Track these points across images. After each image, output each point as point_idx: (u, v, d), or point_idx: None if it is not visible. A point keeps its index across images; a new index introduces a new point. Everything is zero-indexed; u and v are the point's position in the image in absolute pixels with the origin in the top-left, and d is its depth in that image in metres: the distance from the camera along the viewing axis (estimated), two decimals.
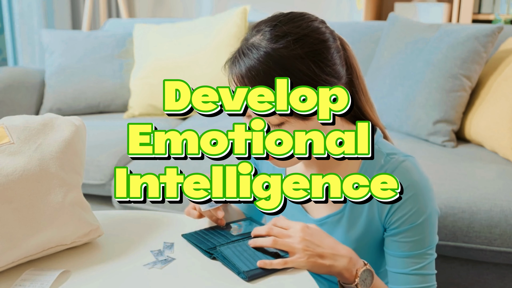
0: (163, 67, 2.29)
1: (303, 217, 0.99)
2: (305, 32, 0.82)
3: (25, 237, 0.80)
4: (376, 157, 0.91)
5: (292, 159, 0.87)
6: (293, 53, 0.80)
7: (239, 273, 0.81)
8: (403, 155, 0.90)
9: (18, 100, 2.30)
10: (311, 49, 0.81)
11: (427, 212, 0.88)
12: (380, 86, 1.93)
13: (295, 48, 0.80)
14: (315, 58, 0.81)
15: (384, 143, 0.94)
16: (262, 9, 3.24)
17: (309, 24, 0.83)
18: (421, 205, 0.87)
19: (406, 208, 0.87)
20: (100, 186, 1.77)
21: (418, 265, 0.89)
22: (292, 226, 0.85)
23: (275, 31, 0.82)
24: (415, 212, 0.87)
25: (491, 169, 1.52)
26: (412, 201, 0.87)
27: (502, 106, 1.60)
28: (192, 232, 0.94)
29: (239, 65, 0.81)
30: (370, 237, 0.93)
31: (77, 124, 0.92)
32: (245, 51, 0.82)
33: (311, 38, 0.82)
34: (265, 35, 0.82)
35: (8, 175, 0.80)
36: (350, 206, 0.93)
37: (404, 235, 0.88)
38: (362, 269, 0.85)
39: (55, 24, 3.34)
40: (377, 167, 0.90)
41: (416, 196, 0.87)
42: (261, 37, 0.82)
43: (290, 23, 0.82)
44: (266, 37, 0.81)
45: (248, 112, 0.84)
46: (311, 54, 0.81)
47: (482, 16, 2.81)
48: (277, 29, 0.82)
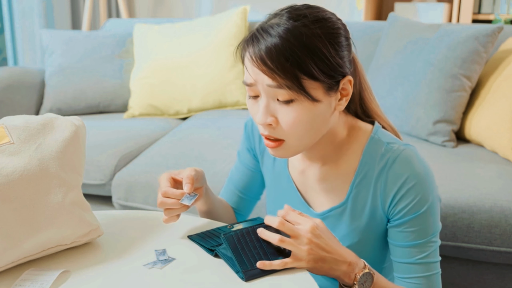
0: (163, 67, 2.29)
1: (306, 211, 0.99)
2: (323, 16, 0.84)
3: (25, 237, 0.80)
4: (376, 146, 0.91)
5: (285, 148, 0.87)
6: (313, 31, 0.81)
7: (238, 272, 0.81)
8: (403, 144, 0.91)
9: (18, 100, 2.30)
10: (329, 31, 0.83)
11: (430, 200, 0.88)
12: (380, 86, 1.93)
13: (314, 27, 0.81)
14: (332, 40, 0.82)
15: (383, 133, 0.94)
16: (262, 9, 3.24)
17: (325, 12, 0.86)
18: (424, 194, 0.88)
19: (409, 198, 0.88)
20: (100, 186, 1.77)
21: (422, 253, 0.89)
22: (302, 222, 0.83)
23: (294, 12, 0.83)
24: (418, 201, 0.87)
25: (491, 169, 1.52)
26: (415, 191, 0.87)
27: (502, 106, 1.60)
28: (198, 233, 0.95)
29: (258, 41, 0.81)
30: (374, 229, 0.94)
31: (77, 124, 0.92)
32: (265, 29, 0.82)
33: (328, 22, 0.84)
34: (284, 15, 0.83)
35: (8, 175, 0.80)
36: (353, 198, 0.93)
37: (408, 225, 0.89)
38: (361, 273, 0.85)
39: (55, 24, 3.34)
40: (378, 156, 0.91)
41: (419, 185, 0.87)
42: (280, 18, 0.83)
43: (308, 8, 0.84)
44: (285, 16, 0.82)
45: (254, 89, 0.84)
46: (328, 35, 0.82)
47: (482, 16, 2.81)
48: (296, 10, 0.83)
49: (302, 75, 0.80)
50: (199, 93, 2.28)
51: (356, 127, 0.95)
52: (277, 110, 0.84)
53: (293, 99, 0.82)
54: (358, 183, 0.93)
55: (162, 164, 1.70)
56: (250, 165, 1.12)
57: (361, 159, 0.92)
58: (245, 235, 0.85)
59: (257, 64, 0.81)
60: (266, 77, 0.81)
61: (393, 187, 0.89)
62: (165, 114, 2.32)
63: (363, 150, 0.92)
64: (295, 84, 0.80)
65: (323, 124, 0.87)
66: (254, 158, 1.11)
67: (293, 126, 0.84)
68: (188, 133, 1.95)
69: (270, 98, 0.84)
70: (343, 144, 0.94)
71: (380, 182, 0.90)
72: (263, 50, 0.80)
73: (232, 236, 0.85)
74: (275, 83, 0.80)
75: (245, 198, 1.14)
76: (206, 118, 2.16)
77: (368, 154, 0.92)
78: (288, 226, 0.83)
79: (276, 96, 0.83)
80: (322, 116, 0.85)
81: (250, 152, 1.11)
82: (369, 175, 0.91)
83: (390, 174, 0.89)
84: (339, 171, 0.95)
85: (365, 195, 0.92)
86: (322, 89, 0.83)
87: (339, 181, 0.95)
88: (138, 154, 1.87)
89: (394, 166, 0.88)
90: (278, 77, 0.80)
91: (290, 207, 0.87)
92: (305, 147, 0.89)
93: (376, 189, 0.91)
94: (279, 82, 0.80)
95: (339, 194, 0.95)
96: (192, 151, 1.75)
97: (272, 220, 0.84)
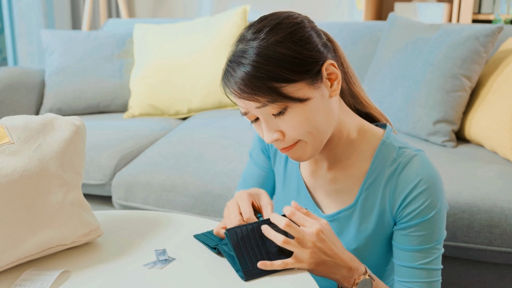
0: (163, 67, 2.29)
1: (315, 213, 0.99)
2: (278, 21, 0.85)
3: (25, 237, 0.80)
4: (388, 150, 0.91)
5: (301, 150, 0.88)
6: (271, 41, 0.82)
7: (238, 271, 0.81)
8: (415, 150, 0.91)
9: (18, 100, 2.30)
10: (286, 32, 0.83)
11: (438, 206, 0.88)
12: (380, 86, 1.93)
13: (271, 36, 0.82)
14: (293, 38, 0.83)
15: (395, 137, 0.94)
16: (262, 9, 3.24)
17: (280, 14, 0.87)
18: (433, 199, 0.88)
19: (418, 202, 0.88)
20: (100, 186, 1.77)
21: (425, 259, 0.89)
22: (308, 225, 0.83)
23: (252, 30, 0.85)
24: (427, 206, 0.88)
25: (491, 169, 1.52)
26: (424, 195, 0.87)
27: (502, 106, 1.60)
28: (203, 232, 0.95)
29: (232, 76, 0.84)
30: (380, 233, 0.94)
31: (77, 124, 0.92)
32: (233, 61, 0.84)
33: (283, 24, 0.84)
34: (245, 37, 0.85)
35: (8, 175, 0.80)
36: (362, 201, 0.93)
37: (414, 229, 0.89)
38: (360, 279, 0.85)
39: (55, 24, 3.35)
40: (389, 160, 0.91)
41: (429, 190, 0.88)
42: (244, 43, 0.85)
43: (264, 20, 0.86)
44: (247, 38, 0.85)
45: (250, 114, 0.87)
46: (287, 36, 0.83)
47: (482, 16, 2.82)
48: (253, 28, 0.85)
49: (279, 84, 0.81)
50: (199, 93, 2.28)
51: (366, 129, 0.95)
52: (278, 123, 0.85)
53: (284, 108, 0.83)
54: (368, 186, 0.93)
55: (162, 164, 1.70)
56: (264, 165, 1.12)
57: (372, 162, 0.92)
58: (249, 231, 0.85)
59: (238, 94, 0.84)
60: (251, 102, 0.83)
61: (403, 190, 0.89)
62: (165, 114, 2.32)
63: (375, 153, 0.92)
64: (277, 96, 0.81)
65: (327, 115, 0.87)
66: (268, 158, 1.11)
67: (299, 130, 0.85)
68: (188, 133, 1.95)
69: (266, 116, 0.85)
70: (353, 144, 0.94)
71: (390, 187, 0.90)
72: (237, 82, 0.83)
73: (235, 232, 0.84)
74: (260, 104, 0.83)
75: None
76: (206, 118, 2.16)
77: (379, 158, 0.92)
78: (294, 228, 0.82)
79: (269, 112, 0.84)
80: (321, 108, 0.85)
81: (264, 153, 1.11)
82: (379, 178, 0.92)
83: (401, 178, 0.89)
84: (349, 173, 0.95)
85: (374, 199, 0.93)
86: (306, 86, 0.83)
87: (349, 183, 0.95)
88: (138, 154, 1.87)
89: (405, 171, 0.89)
90: (259, 98, 0.82)
91: (298, 204, 0.87)
92: (322, 142, 0.89)
93: (385, 193, 0.91)
94: (262, 101, 0.82)
95: (349, 196, 0.95)
96: (192, 151, 1.75)
97: (279, 220, 0.83)
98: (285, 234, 0.83)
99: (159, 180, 1.64)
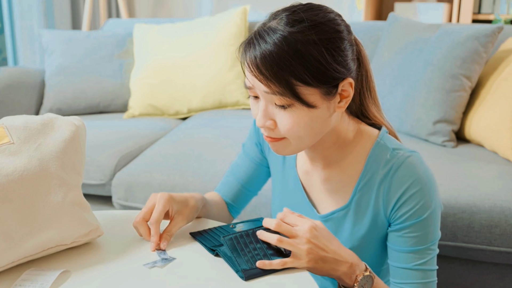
0: (163, 67, 2.29)
1: (310, 212, 0.99)
2: (322, 21, 0.83)
3: (25, 237, 0.80)
4: (382, 152, 0.91)
5: (282, 146, 0.88)
6: (308, 38, 0.80)
7: (238, 271, 0.81)
8: (409, 151, 0.91)
9: (18, 100, 2.30)
10: (326, 36, 0.82)
11: (432, 207, 0.88)
12: (380, 86, 1.93)
13: (310, 33, 0.81)
14: (329, 46, 0.82)
15: (389, 139, 0.94)
16: (262, 9, 3.24)
17: (326, 14, 0.85)
18: (427, 200, 0.88)
19: (412, 203, 0.88)
20: (100, 186, 1.77)
21: (420, 260, 0.89)
22: (300, 224, 0.84)
23: (293, 16, 0.83)
24: (421, 207, 0.87)
25: (491, 169, 1.52)
26: (418, 196, 0.87)
27: (502, 106, 1.60)
28: (200, 231, 0.95)
29: (254, 48, 0.82)
30: (374, 233, 0.94)
31: (77, 124, 0.92)
32: (262, 34, 0.82)
33: (326, 26, 0.83)
34: (283, 19, 0.83)
35: (8, 175, 0.80)
36: (356, 201, 0.93)
37: (409, 230, 0.89)
38: (361, 275, 0.85)
39: (55, 24, 3.34)
40: (383, 162, 0.91)
41: (422, 191, 0.87)
42: (279, 21, 0.83)
43: (309, 11, 0.84)
44: (283, 21, 0.82)
45: (254, 91, 0.85)
46: (325, 41, 0.81)
47: (482, 16, 2.81)
48: (295, 15, 0.83)
49: (296, 82, 0.80)
50: (199, 93, 2.28)
51: (361, 130, 0.95)
52: (275, 113, 0.85)
53: (290, 104, 0.83)
54: (362, 187, 0.93)
55: (162, 164, 1.70)
56: (255, 158, 1.12)
57: (366, 163, 0.92)
58: (245, 237, 0.86)
59: (253, 71, 0.82)
60: (262, 85, 0.82)
61: (396, 192, 0.89)
62: (165, 114, 2.32)
63: (368, 154, 0.92)
64: (289, 91, 0.81)
65: (323, 126, 0.87)
66: (260, 153, 1.12)
67: (291, 130, 0.84)
68: (188, 133, 1.95)
69: (268, 102, 0.85)
70: (347, 145, 0.94)
71: (383, 187, 0.90)
72: (258, 58, 0.81)
73: (232, 239, 0.85)
74: (270, 90, 0.82)
75: (245, 192, 1.15)
76: (206, 118, 2.16)
77: (373, 159, 0.92)
78: (285, 227, 0.83)
79: (274, 101, 0.84)
80: (320, 119, 0.85)
81: (258, 147, 1.12)
82: (373, 179, 0.92)
83: (394, 179, 0.89)
84: (343, 173, 0.95)
85: (368, 200, 0.93)
86: (319, 94, 0.83)
87: (343, 183, 0.95)
88: (138, 154, 1.87)
89: (398, 172, 0.89)
90: (272, 85, 0.81)
91: (289, 209, 0.88)
92: (305, 146, 0.89)
93: (378, 194, 0.91)
94: (273, 89, 0.81)
95: (343, 196, 0.95)
96: (192, 151, 1.75)
97: (270, 222, 0.84)
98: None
99: (159, 180, 1.64)
